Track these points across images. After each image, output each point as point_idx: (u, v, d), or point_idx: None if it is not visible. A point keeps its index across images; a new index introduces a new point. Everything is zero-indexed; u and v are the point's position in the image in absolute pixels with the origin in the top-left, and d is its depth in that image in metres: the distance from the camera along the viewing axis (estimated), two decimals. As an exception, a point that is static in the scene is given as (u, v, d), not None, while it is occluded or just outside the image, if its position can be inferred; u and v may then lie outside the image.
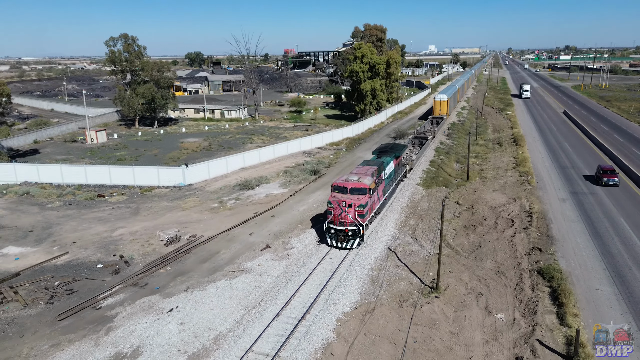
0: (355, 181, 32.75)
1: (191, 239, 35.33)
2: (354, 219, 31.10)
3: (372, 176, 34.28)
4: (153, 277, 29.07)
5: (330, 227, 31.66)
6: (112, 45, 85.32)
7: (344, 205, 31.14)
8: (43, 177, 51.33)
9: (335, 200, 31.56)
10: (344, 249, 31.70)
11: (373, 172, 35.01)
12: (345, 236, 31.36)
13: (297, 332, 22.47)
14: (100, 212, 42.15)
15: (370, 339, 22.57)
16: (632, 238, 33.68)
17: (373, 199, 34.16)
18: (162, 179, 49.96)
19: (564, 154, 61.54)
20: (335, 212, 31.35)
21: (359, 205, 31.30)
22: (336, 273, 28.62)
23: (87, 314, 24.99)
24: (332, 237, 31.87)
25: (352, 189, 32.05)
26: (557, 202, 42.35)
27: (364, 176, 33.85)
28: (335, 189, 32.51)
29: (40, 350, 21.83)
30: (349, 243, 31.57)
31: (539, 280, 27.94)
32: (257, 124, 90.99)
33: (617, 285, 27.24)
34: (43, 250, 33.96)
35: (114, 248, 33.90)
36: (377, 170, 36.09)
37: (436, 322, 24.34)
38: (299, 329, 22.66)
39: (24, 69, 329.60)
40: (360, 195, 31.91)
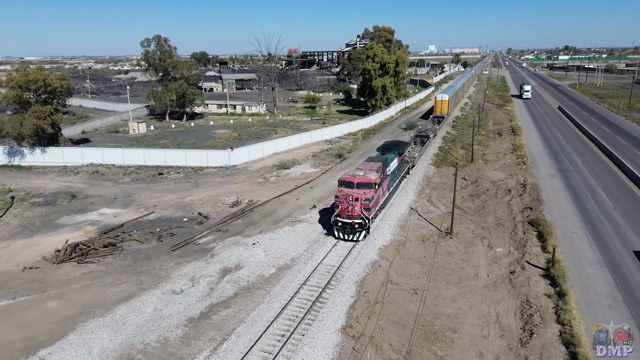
0: (362, 176, 34.04)
1: (250, 202, 43.72)
2: (360, 212, 32.39)
3: (377, 172, 35.65)
4: (230, 226, 37.49)
5: (338, 220, 32.86)
6: (146, 46, 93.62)
7: (351, 199, 32.34)
8: (107, 159, 59.73)
9: (343, 194, 32.76)
10: (350, 241, 33.04)
11: (378, 168, 36.39)
12: (352, 229, 32.59)
13: (351, 255, 30.87)
14: (165, 186, 50.56)
15: (404, 260, 30.94)
16: (605, 200, 42.11)
17: (378, 193, 35.62)
18: (211, 160, 58.36)
19: (556, 141, 69.98)
20: (343, 206, 32.64)
21: (365, 199, 32.61)
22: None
23: (191, 247, 33.42)
24: (340, 230, 33.13)
25: (358, 183, 33.26)
26: (547, 177, 50.77)
27: (370, 172, 35.21)
28: (342, 184, 33.70)
29: (167, 266, 30.23)
30: (355, 235, 32.84)
31: (529, 228, 36.30)
32: (277, 118, 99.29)
33: (588, 229, 35.66)
34: (132, 211, 42.35)
35: (189, 208, 42.31)
36: (382, 166, 37.44)
37: (451, 253, 32.74)
38: (352, 253, 31.05)
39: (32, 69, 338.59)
40: (366, 190, 33.06)
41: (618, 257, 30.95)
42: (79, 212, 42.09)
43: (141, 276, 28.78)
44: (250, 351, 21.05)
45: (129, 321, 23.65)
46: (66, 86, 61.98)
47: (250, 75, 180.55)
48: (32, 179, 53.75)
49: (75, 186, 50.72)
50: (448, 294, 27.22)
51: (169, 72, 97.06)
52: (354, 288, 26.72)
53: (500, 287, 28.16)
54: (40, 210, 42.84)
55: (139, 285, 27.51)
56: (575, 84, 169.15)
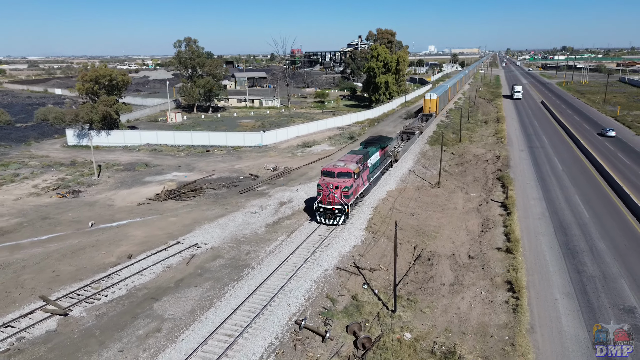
0: (342, 167, 36.50)
1: (286, 168, 56.86)
2: (340, 199, 34.88)
3: (357, 163, 38.07)
4: (276, 181, 50.66)
5: (320, 206, 35.52)
6: (178, 46, 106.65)
7: (332, 187, 34.82)
8: (160, 140, 72.86)
9: (324, 182, 35.32)
10: (331, 224, 35.77)
11: (358, 160, 38.85)
12: (332, 214, 35.30)
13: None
14: (215, 158, 63.70)
15: (404, 199, 44.07)
16: (557, 165, 55.38)
17: (358, 182, 37.99)
18: (247, 140, 71.53)
19: (531, 127, 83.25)
20: (324, 193, 35.11)
21: (345, 187, 35.14)
22: (381, 177, 50.15)
23: (252, 192, 46.59)
24: (321, 215, 35.84)
25: (338, 173, 35.79)
26: (518, 151, 63.98)
27: (350, 163, 37.72)
28: (324, 174, 36.25)
29: (240, 201, 43.35)
30: (335, 220, 35.57)
31: (497, 182, 49.44)
32: (291, 111, 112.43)
33: (538, 182, 48.88)
34: (196, 173, 55.44)
35: (240, 172, 55.45)
36: (362, 158, 39.98)
37: (438, 196, 45.88)
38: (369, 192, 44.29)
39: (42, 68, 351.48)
40: (346, 179, 35.60)
41: (554, 195, 44.21)
42: (157, 174, 55.27)
43: (225, 205, 41.96)
44: (309, 237, 34.20)
45: (229, 225, 36.78)
46: (126, 80, 75.10)
47: (261, 74, 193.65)
48: (104, 154, 66.79)
49: (142, 159, 63.85)
50: (434, 216, 40.37)
51: (197, 70, 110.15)
52: (371, 210, 39.87)
53: (470, 213, 41.31)
54: (126, 174, 56.00)
55: (226, 209, 40.68)
56: (562, 82, 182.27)
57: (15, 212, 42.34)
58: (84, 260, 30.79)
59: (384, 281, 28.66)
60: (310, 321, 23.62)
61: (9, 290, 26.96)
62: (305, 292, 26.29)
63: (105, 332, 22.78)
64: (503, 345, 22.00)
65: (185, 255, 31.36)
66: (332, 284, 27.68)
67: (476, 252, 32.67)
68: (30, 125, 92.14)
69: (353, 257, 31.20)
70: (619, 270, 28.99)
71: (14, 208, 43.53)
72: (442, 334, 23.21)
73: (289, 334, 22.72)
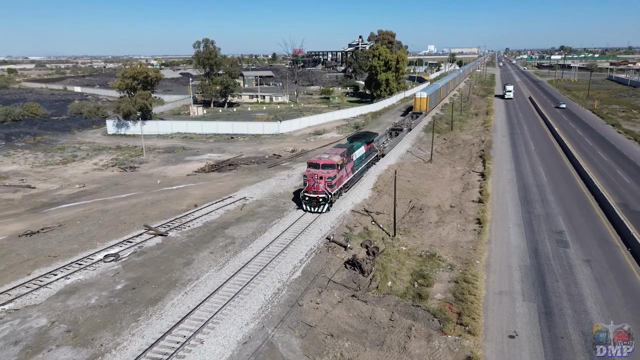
0: (326, 159, 38.97)
1: (303, 150, 67.26)
2: (324, 188, 37.24)
3: (341, 156, 40.41)
4: (297, 159, 61.04)
5: (305, 195, 38.13)
6: (197, 47, 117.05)
7: (317, 178, 37.13)
8: (189, 129, 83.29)
9: (310, 174, 37.71)
10: (315, 212, 38.35)
11: (342, 153, 41.14)
12: (317, 202, 37.78)
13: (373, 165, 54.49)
14: (240, 143, 74.13)
15: (402, 170, 54.41)
16: (531, 147, 65.93)
17: (341, 174, 40.35)
18: (265, 129, 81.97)
19: (516, 118, 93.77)
20: (309, 184, 37.58)
21: (328, 177, 37.49)
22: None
23: (279, 166, 56.99)
24: (307, 204, 38.43)
25: (323, 164, 38.18)
26: (500, 137, 74.45)
27: (335, 155, 40.00)
28: (310, 165, 38.68)
29: (269, 172, 53.74)
30: (319, 208, 38.15)
31: (479, 159, 59.83)
32: (300, 106, 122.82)
33: (513, 158, 59.41)
34: (228, 155, 65.83)
35: (265, 153, 65.86)
36: (347, 152, 42.36)
37: (430, 169, 56.31)
38: (373, 165, 54.71)
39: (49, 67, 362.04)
40: (330, 170, 37.97)
41: (523, 167, 54.77)
42: (195, 155, 65.72)
43: (259, 175, 52.44)
44: (329, 194, 44.66)
45: (265, 187, 47.22)
46: (159, 77, 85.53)
47: (268, 73, 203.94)
48: (143, 141, 77.15)
49: (177, 144, 74.28)
50: (426, 183, 50.79)
51: (214, 68, 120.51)
52: (376, 177, 50.34)
53: (455, 181, 51.73)
54: (168, 155, 66.43)
55: (260, 177, 51.13)
56: (553, 80, 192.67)
57: (90, 180, 52.82)
58: (162, 208, 41.24)
59: (386, 221, 39.05)
60: (335, 239, 34.05)
61: (116, 224, 37.38)
62: (330, 224, 36.74)
63: (196, 244, 33.21)
64: (468, 250, 32.42)
65: (238, 204, 41.82)
66: (349, 220, 38.12)
67: (456, 203, 43.11)
68: (65, 118, 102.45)
69: (363, 206, 41.65)
70: (560, 211, 39.45)
71: (87, 178, 54.02)
72: (428, 247, 33.56)
73: (322, 244, 33.16)
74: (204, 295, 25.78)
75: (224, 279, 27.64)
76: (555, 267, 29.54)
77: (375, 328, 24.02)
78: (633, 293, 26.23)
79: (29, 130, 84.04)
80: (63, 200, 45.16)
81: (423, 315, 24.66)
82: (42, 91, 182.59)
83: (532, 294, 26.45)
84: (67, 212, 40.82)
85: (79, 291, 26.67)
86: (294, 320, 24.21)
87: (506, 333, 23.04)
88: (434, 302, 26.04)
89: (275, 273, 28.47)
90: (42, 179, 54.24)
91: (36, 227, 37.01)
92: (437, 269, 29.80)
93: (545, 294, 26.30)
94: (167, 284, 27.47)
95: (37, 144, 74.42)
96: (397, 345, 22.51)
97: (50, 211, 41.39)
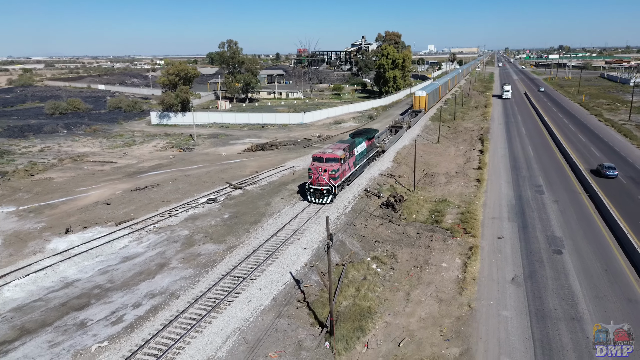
0: (330, 153, 40.91)
1: (328, 136, 78.81)
2: (328, 180, 39.21)
3: (344, 150, 42.32)
4: (325, 141, 72.57)
5: (310, 187, 40.11)
6: (222, 47, 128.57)
7: (321, 170, 39.02)
8: (224, 120, 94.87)
9: (314, 167, 39.73)
10: (320, 203, 40.57)
11: (345, 148, 43.16)
12: (321, 194, 39.78)
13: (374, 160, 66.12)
14: (272, 131, 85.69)
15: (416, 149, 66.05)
16: (523, 132, 77.57)
17: (344, 167, 42.40)
18: (291, 119, 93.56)
19: (511, 110, 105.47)
20: (314, 176, 39.57)
21: (332, 170, 39.36)
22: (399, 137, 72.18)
23: (311, 147, 68.52)
24: (312, 195, 40.36)
25: (327, 158, 40.18)
26: (497, 124, 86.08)
27: (338, 150, 41.94)
28: (314, 159, 40.64)
29: (305, 150, 65.25)
30: (324, 199, 40.22)
31: (478, 141, 71.37)
32: (315, 101, 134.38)
33: (506, 141, 70.98)
34: (264, 139, 77.34)
35: (296, 138, 77.39)
36: (349, 146, 44.44)
37: (438, 148, 67.88)
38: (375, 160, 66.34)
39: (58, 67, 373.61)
40: (333, 164, 39.92)
41: (515, 146, 66.44)
42: (237, 140, 77.31)
43: (297, 152, 63.99)
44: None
45: (306, 159, 58.40)
46: (196, 74, 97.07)
47: (279, 71, 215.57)
48: (185, 129, 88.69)
49: (217, 132, 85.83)
50: (435, 158, 62.34)
51: (236, 67, 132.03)
52: (394, 154, 61.87)
53: (459, 156, 63.30)
54: (213, 140, 78.02)
55: (299, 154, 62.69)
56: (548, 77, 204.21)
57: (158, 158, 64.38)
58: (231, 173, 52.82)
59: (406, 182, 50.60)
60: (371, 190, 45.59)
61: (201, 183, 48.92)
62: (365, 182, 48.31)
63: (269, 193, 44.78)
64: (470, 197, 44.00)
65: (289, 171, 53.40)
66: (378, 180, 49.70)
67: (460, 170, 54.73)
68: (105, 112, 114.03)
69: (387, 172, 53.24)
70: (540, 174, 51.10)
71: (155, 156, 65.60)
72: (439, 196, 45.14)
73: (361, 194, 44.74)
74: (288, 219, 37.36)
75: (298, 212, 39.20)
76: (533, 204, 41.21)
77: (407, 238, 35.67)
78: (585, 217, 37.86)
79: (82, 121, 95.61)
80: (147, 170, 56.76)
81: (440, 230, 36.30)
82: (68, 89, 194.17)
83: (515, 218, 38.13)
84: (157, 177, 52.43)
85: (199, 218, 38.27)
86: (352, 233, 35.80)
87: (496, 236, 34.68)
88: (447, 224, 37.65)
89: (333, 208, 40.01)
90: (117, 157, 65.80)
91: (140, 186, 48.58)
92: (448, 207, 41.43)
93: (524, 218, 37.98)
94: (259, 214, 39.08)
95: (95, 132, 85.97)
96: (424, 245, 34.14)
97: (143, 177, 53.00)
